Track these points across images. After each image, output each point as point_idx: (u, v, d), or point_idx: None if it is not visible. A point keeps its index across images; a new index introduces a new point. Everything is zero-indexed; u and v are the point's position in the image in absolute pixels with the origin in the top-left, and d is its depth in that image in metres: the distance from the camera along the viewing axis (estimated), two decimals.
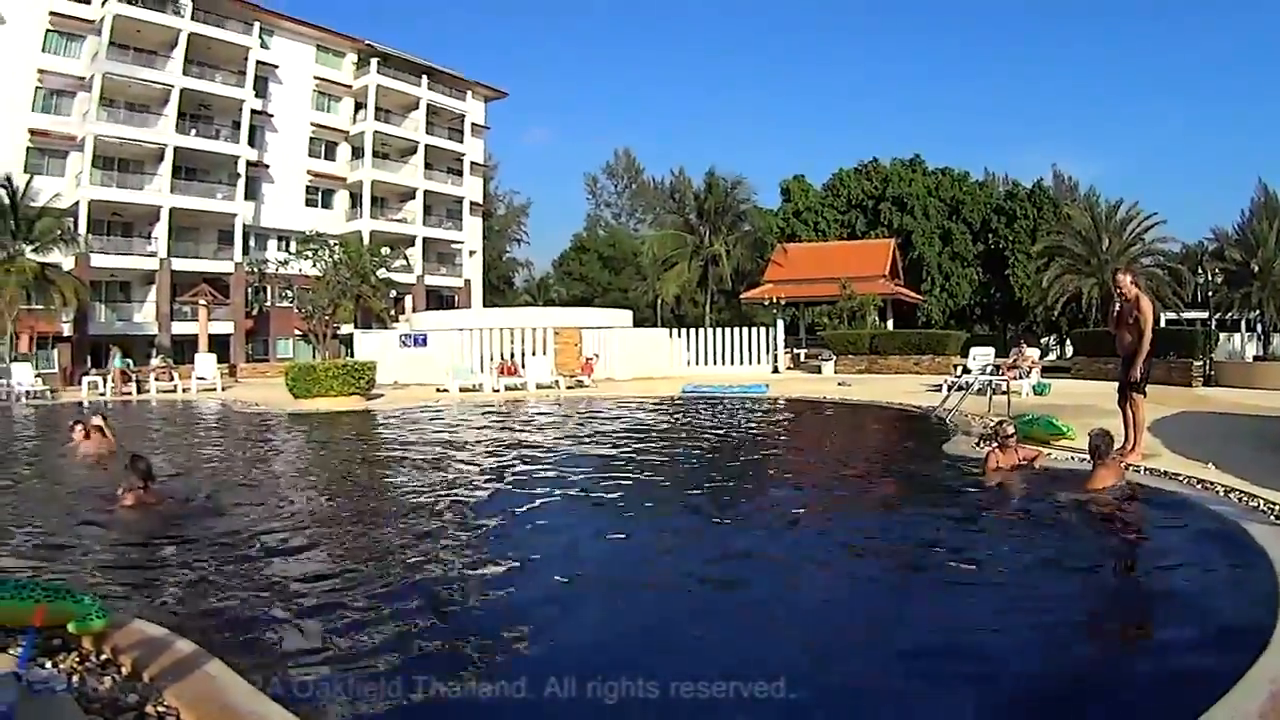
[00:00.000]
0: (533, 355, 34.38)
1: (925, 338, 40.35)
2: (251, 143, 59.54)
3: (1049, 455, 12.02)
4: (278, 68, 62.75)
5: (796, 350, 45.67)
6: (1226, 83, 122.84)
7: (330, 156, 66.74)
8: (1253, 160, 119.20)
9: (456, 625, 6.32)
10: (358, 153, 66.88)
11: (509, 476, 12.90)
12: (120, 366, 35.53)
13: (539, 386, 30.95)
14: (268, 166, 61.90)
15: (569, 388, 30.89)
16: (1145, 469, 10.92)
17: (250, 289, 59.46)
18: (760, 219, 68.04)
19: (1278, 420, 15.59)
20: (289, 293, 53.71)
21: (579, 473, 13.24)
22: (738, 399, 25.89)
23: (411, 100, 69.64)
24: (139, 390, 34.68)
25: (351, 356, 36.86)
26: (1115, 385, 12.81)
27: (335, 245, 49.48)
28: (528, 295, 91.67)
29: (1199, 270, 54.55)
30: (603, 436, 18.12)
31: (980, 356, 28.59)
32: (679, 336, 39.98)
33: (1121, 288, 11.89)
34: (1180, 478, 10.30)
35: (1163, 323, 40.39)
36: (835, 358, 38.44)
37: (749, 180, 66.07)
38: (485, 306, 70.18)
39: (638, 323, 46.85)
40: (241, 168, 58.54)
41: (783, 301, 47.55)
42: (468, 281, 73.94)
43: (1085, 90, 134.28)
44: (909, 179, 72.37)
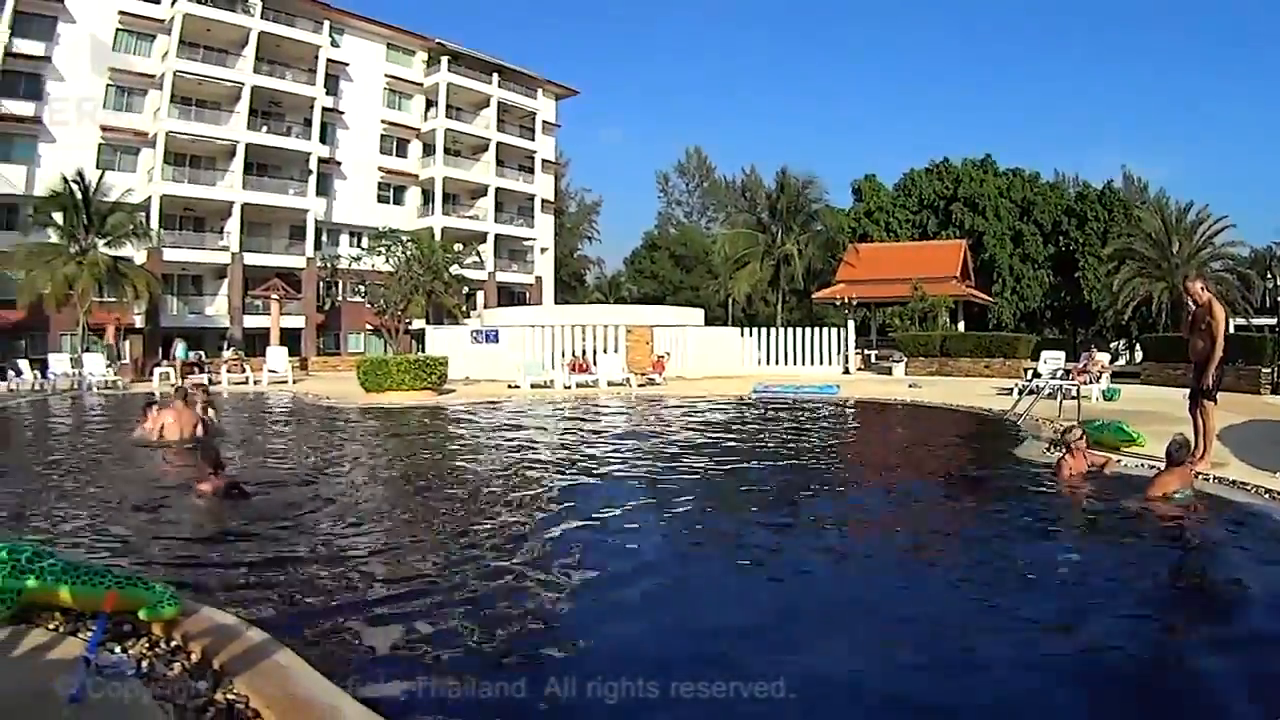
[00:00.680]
0: (604, 353, 33.94)
1: (996, 340, 39.47)
2: (323, 139, 59.98)
3: (1119, 461, 11.89)
4: (348, 65, 63.11)
5: (867, 351, 45.00)
6: None
7: (402, 153, 66.84)
8: None
9: (521, 622, 6.24)
10: (429, 150, 66.95)
11: (580, 474, 12.85)
12: (184, 358, 36.02)
13: (610, 384, 30.50)
14: (339, 163, 62.30)
15: (640, 385, 30.41)
16: (1213, 477, 10.69)
17: (322, 284, 59.69)
18: (832, 218, 66.98)
19: None
20: (361, 288, 53.69)
21: (650, 471, 13.09)
22: (809, 399, 25.50)
23: (482, 98, 69.54)
24: (210, 381, 33.55)
25: (423, 351, 36.83)
26: (1185, 392, 12.45)
27: (408, 241, 49.45)
28: (599, 293, 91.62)
29: (1268, 275, 53.29)
30: (674, 435, 17.97)
31: (1051, 360, 27.85)
32: (750, 336, 39.33)
33: (1193, 294, 11.49)
34: (1249, 487, 10.15)
35: (1231, 328, 38.94)
36: (906, 359, 37.97)
37: (821, 179, 64.78)
38: (556, 303, 69.87)
39: (709, 321, 46.39)
40: (313, 164, 58.84)
41: (854, 302, 47.04)
42: (539, 278, 73.79)
43: (1154, 90, 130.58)
44: (980, 179, 72.53)
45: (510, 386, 29.73)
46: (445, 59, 66.84)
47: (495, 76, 69.84)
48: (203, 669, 4.63)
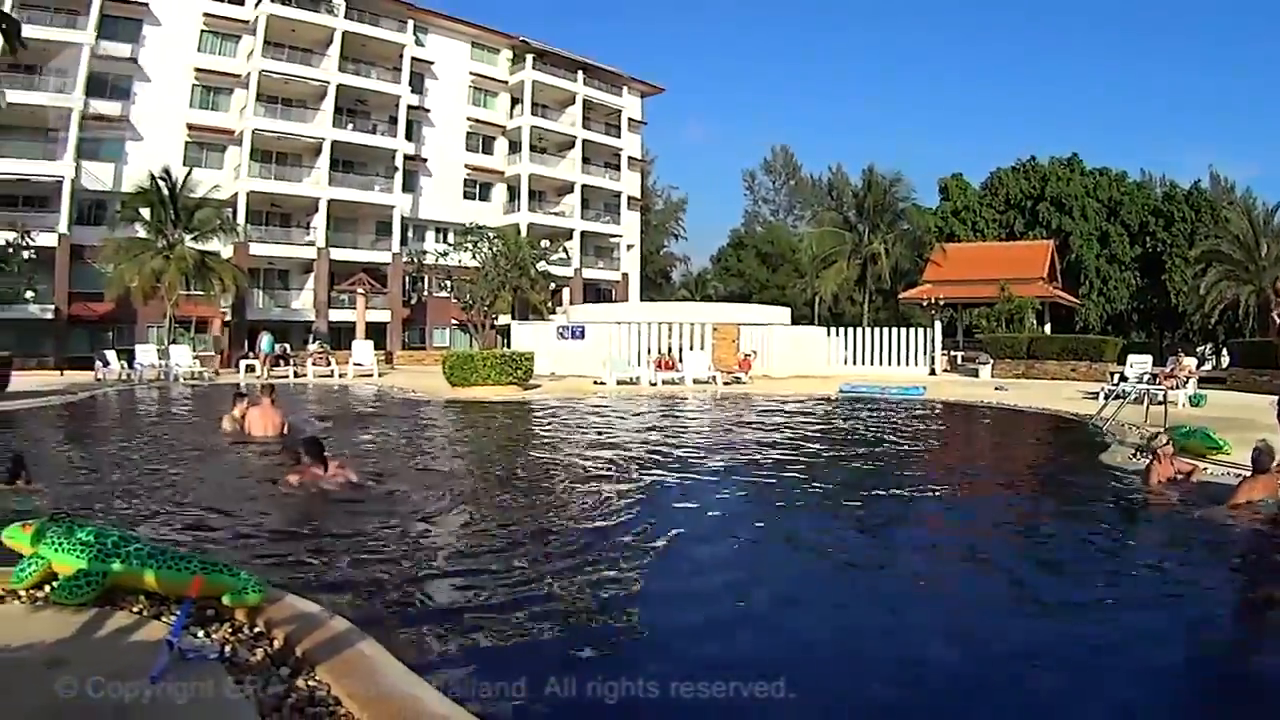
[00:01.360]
0: (690, 350, 34.11)
1: (1082, 343, 39.00)
2: (409, 137, 60.06)
3: (1205, 469, 11.63)
4: (433, 64, 63.05)
5: (953, 352, 43.86)
6: None
7: (488, 151, 66.70)
8: None
9: (602, 620, 6.30)
10: (515, 147, 66.64)
11: (664, 471, 12.89)
12: (269, 350, 36.16)
13: (696, 382, 30.69)
14: (425, 160, 62.37)
15: (726, 384, 30.51)
16: None
17: (408, 278, 59.65)
18: (919, 218, 66.56)
19: None
20: (448, 283, 53.49)
21: (735, 471, 13.21)
22: (895, 400, 25.57)
23: (568, 96, 68.97)
24: (295, 374, 35.34)
25: (508, 347, 36.69)
26: (1273, 399, 12.64)
27: (494, 237, 49.17)
28: (685, 290, 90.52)
29: None
30: (760, 434, 17.92)
31: (1137, 364, 27.51)
32: (836, 335, 39.03)
33: None
34: None
35: None
36: (992, 361, 37.33)
37: (907, 178, 63.82)
38: (642, 301, 68.33)
39: (795, 320, 46.08)
40: (399, 161, 58.96)
41: (941, 302, 45.91)
42: (625, 275, 73.30)
43: (1242, 88, 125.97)
44: (1067, 178, 71.42)
45: (596, 383, 30.11)
46: (530, 57, 66.44)
47: (580, 74, 69.20)
48: (285, 656, 4.67)
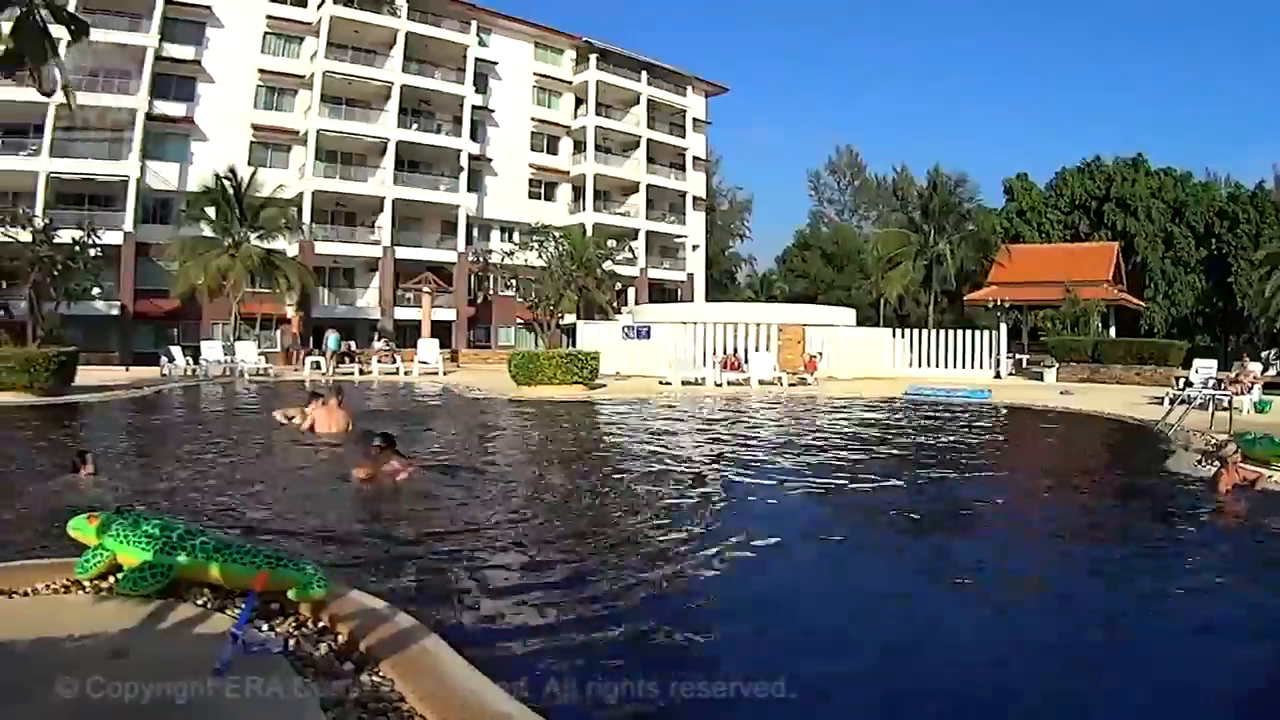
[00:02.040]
0: (756, 351, 33.93)
1: (1147, 347, 38.13)
2: (474, 137, 60.16)
3: (1270, 477, 11.37)
4: (497, 64, 63.06)
5: (1018, 355, 43.53)
6: None
7: (553, 150, 66.55)
8: None
9: (667, 620, 6.24)
10: (579, 147, 66.49)
11: (730, 473, 12.79)
12: (335, 348, 36.12)
13: (761, 383, 30.54)
14: (490, 160, 62.47)
15: (792, 385, 30.43)
16: None
17: (473, 277, 59.66)
18: (984, 218, 66.76)
19: None
20: (514, 282, 53.27)
21: (802, 473, 13.03)
22: (960, 404, 25.42)
23: (632, 95, 68.66)
24: (360, 371, 35.34)
25: (573, 346, 36.57)
26: None
27: (560, 237, 48.79)
28: (750, 291, 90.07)
29: None
30: (825, 437, 17.88)
31: (1202, 369, 27.33)
32: (902, 337, 38.65)
33: None
34: None
35: None
36: (1057, 365, 36.91)
37: (972, 178, 63.45)
38: (708, 301, 67.95)
39: (860, 321, 45.88)
40: (464, 161, 59.09)
41: (1006, 304, 45.71)
42: (690, 275, 72.70)
43: None
44: (1131, 179, 70.78)
45: (661, 383, 30.02)
46: (594, 57, 66.23)
47: (644, 74, 68.91)
48: (349, 650, 4.70)
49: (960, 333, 38.16)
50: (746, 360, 32.73)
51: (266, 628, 4.89)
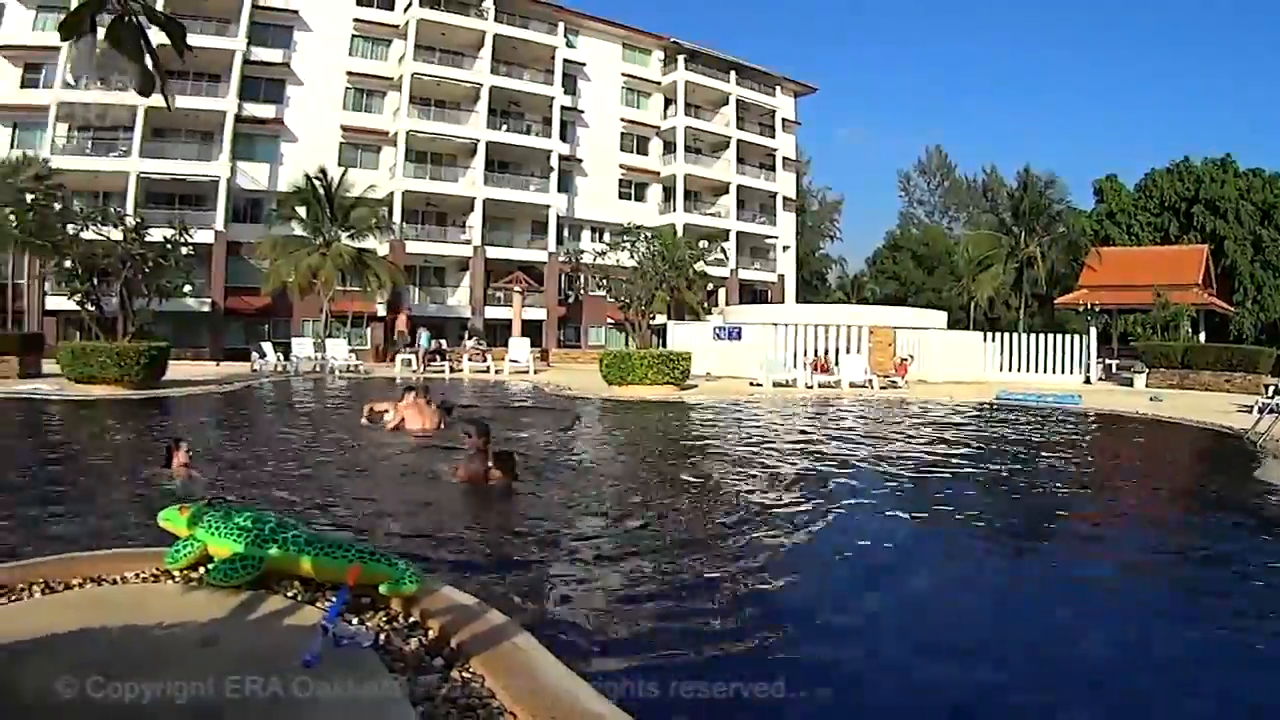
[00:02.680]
0: (847, 353, 33.90)
1: (1236, 354, 37.19)
2: (563, 137, 59.81)
3: None
4: (585, 65, 62.81)
5: (1108, 360, 42.39)
6: None
7: (642, 151, 66.00)
8: None
9: (759, 623, 6.02)
10: (669, 147, 65.74)
11: (824, 476, 12.56)
12: (426, 346, 37.05)
13: (852, 385, 30.37)
14: (580, 160, 62.18)
15: (882, 388, 30.18)
16: None
17: (564, 277, 59.19)
18: (1074, 220, 65.73)
19: None
20: (605, 282, 52.88)
21: (896, 477, 12.87)
22: (1051, 409, 24.83)
23: (720, 96, 67.79)
24: (450, 369, 35.66)
25: (664, 346, 36.04)
26: None
27: (652, 238, 48.02)
28: (841, 292, 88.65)
29: None
30: (919, 441, 17.67)
31: None
32: (992, 340, 37.77)
33: None
34: None
35: None
36: (1147, 370, 35.83)
37: (1062, 179, 62.72)
38: (798, 302, 67.72)
39: (951, 324, 45.64)
40: (554, 161, 59.02)
41: (1096, 308, 44.40)
42: (781, 276, 71.69)
43: None
44: (1220, 181, 68.83)
45: (752, 384, 30.01)
46: (681, 58, 65.57)
47: (732, 74, 67.99)
48: (439, 646, 4.63)
49: (1050, 337, 37.30)
50: (837, 362, 32.66)
51: (357, 621, 4.86)
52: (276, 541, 5.50)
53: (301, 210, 42.87)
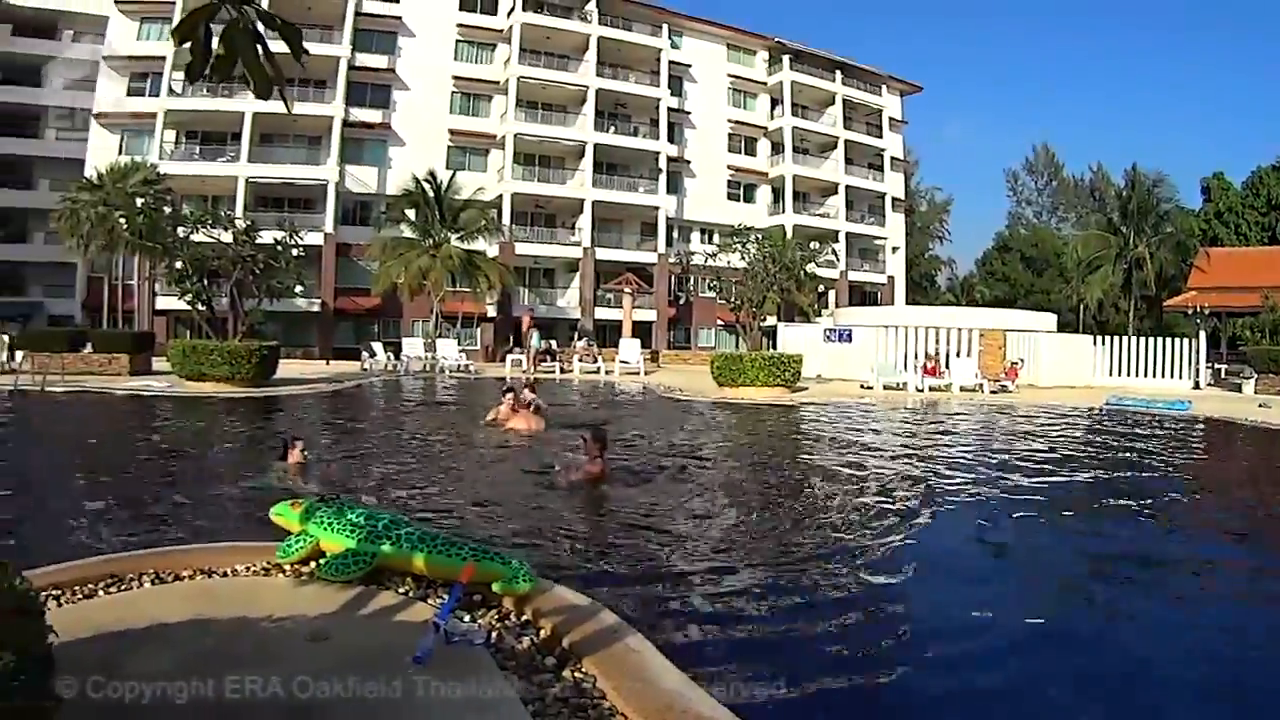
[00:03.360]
0: (957, 356, 33.41)
1: None
2: (671, 139, 59.77)
3: None
4: (690, 67, 62.50)
5: (1216, 365, 40.51)
6: None
7: (750, 152, 65.32)
8: None
9: (867, 628, 6.01)
10: (777, 148, 65.04)
11: (937, 482, 12.16)
12: (537, 346, 38.04)
13: (962, 389, 29.97)
14: (689, 162, 62.07)
15: (992, 392, 29.70)
16: None
17: (674, 278, 59.21)
18: (1182, 220, 64.15)
19: None
20: (716, 283, 52.27)
21: (1010, 486, 12.18)
22: (1160, 415, 23.98)
23: (826, 95, 66.75)
24: (561, 370, 36.00)
25: (773, 348, 35.95)
26: None
27: (762, 239, 47.73)
28: (950, 294, 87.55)
29: None
30: (1033, 447, 17.00)
31: None
32: (1101, 344, 36.72)
33: None
34: None
35: None
36: (1256, 376, 34.37)
37: (1169, 177, 62.10)
38: (907, 304, 66.46)
39: (1059, 327, 43.39)
40: (662, 163, 58.90)
41: (1205, 311, 41.67)
42: (890, 278, 70.31)
43: None
44: None
45: (863, 387, 29.94)
46: (786, 57, 64.85)
47: (838, 74, 67.04)
48: (551, 645, 4.61)
49: (1159, 340, 36.19)
50: (947, 365, 32.22)
51: (468, 619, 4.87)
52: (389, 538, 5.52)
53: (411, 212, 43.27)
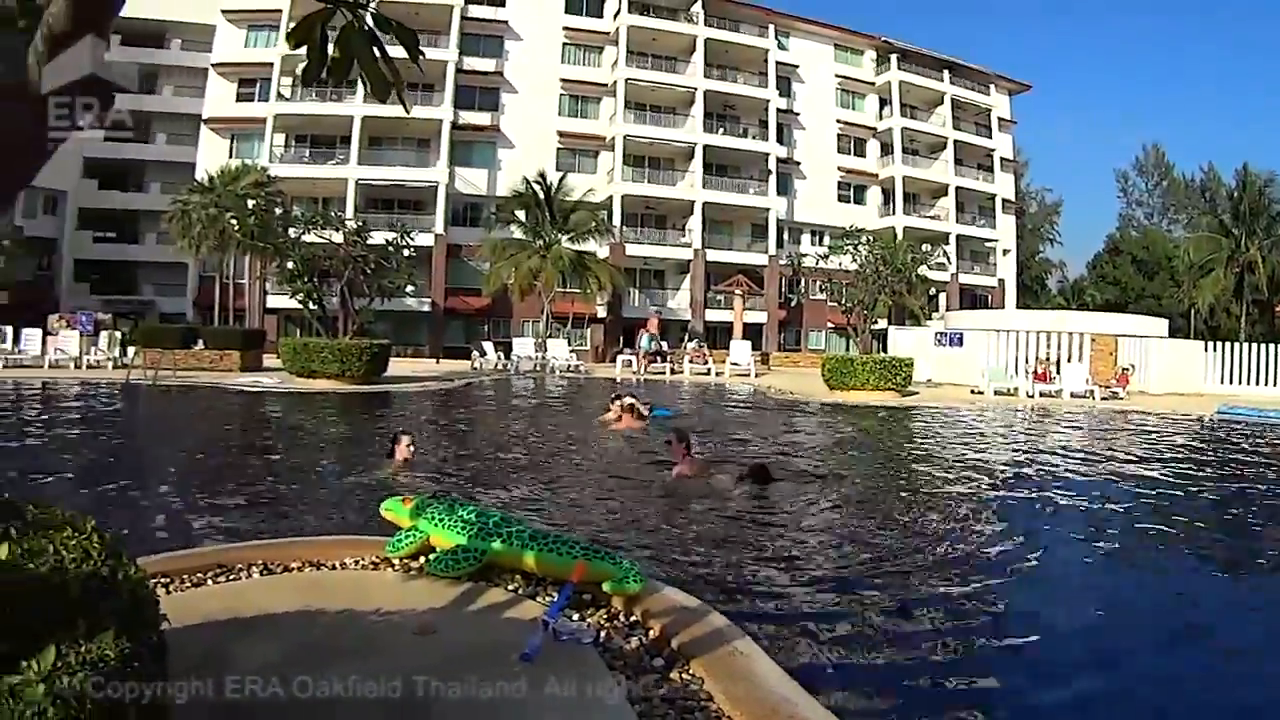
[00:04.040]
0: (1068, 362, 32.62)
1: None
2: (780, 140, 59.49)
3: None
4: (798, 67, 62.04)
5: None
6: None
7: (859, 153, 64.69)
8: None
9: (981, 645, 5.78)
10: (886, 149, 64.27)
11: (1041, 490, 11.94)
12: (647, 347, 36.87)
13: (1073, 395, 29.27)
14: (798, 163, 61.62)
15: (1103, 398, 28.85)
16: None
17: (784, 280, 58.70)
18: None
19: None
20: (826, 286, 51.68)
21: (1114, 497, 11.76)
22: (1273, 425, 22.95)
23: (935, 95, 65.85)
24: (671, 371, 35.65)
25: (884, 351, 35.90)
26: None
27: (873, 241, 47.24)
28: (1061, 298, 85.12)
29: None
30: (1138, 457, 16.30)
31: None
32: (1214, 350, 35.51)
33: None
34: None
35: None
36: None
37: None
38: (1018, 308, 65.43)
39: (1170, 332, 42.47)
40: (772, 164, 58.52)
41: None
42: (1001, 281, 68.76)
43: None
44: None
45: (973, 391, 29.56)
46: (894, 57, 64.25)
47: (946, 73, 66.10)
48: (660, 646, 4.57)
49: (1273, 347, 34.65)
50: (1057, 371, 31.42)
51: (577, 618, 4.85)
52: (500, 535, 5.54)
53: (521, 214, 43.56)
